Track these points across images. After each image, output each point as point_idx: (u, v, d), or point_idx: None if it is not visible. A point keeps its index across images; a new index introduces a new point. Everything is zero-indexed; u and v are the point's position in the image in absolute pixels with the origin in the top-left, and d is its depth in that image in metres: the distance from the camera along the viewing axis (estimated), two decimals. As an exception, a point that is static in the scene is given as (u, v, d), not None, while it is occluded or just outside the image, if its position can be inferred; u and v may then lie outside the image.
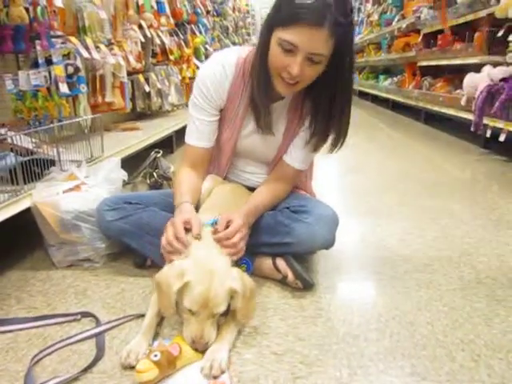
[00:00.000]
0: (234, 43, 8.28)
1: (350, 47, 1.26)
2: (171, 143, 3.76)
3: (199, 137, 1.47)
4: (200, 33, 5.50)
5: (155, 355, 0.99)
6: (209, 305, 1.07)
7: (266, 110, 1.39)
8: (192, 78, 4.92)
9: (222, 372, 1.02)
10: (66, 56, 2.30)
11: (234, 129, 1.48)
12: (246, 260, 1.44)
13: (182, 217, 1.25)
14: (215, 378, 1.00)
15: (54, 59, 2.19)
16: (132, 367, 1.04)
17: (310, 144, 1.45)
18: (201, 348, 1.07)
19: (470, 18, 3.97)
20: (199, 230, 1.22)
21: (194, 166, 1.47)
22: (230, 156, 1.55)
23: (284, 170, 1.51)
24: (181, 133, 3.89)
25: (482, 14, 3.70)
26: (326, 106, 1.36)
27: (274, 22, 1.23)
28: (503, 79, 3.23)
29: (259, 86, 1.34)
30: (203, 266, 1.12)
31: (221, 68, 1.41)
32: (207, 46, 5.83)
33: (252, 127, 1.47)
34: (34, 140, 1.81)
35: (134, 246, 1.53)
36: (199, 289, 1.07)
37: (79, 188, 1.69)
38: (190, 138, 1.48)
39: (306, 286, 1.41)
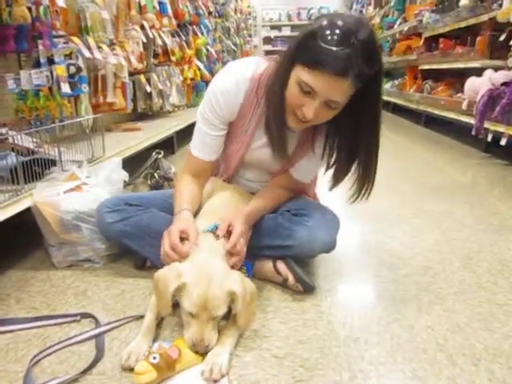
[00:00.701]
0: (235, 44, 8.29)
1: (373, 95, 1.21)
2: (172, 144, 3.76)
3: (205, 149, 1.42)
4: (202, 34, 5.50)
5: (154, 358, 0.98)
6: (208, 307, 1.07)
7: (281, 137, 1.33)
8: (193, 79, 4.92)
9: (223, 376, 1.01)
10: (68, 56, 2.29)
11: (242, 142, 1.45)
12: (247, 263, 1.44)
13: (178, 226, 1.24)
14: (215, 382, 1.00)
15: (56, 59, 2.19)
16: (132, 369, 1.03)
17: (330, 179, 1.41)
18: (201, 351, 1.07)
19: (471, 22, 3.98)
20: (196, 239, 1.21)
21: (196, 175, 1.45)
22: (236, 166, 1.52)
23: (287, 179, 1.50)
24: (182, 134, 3.91)
25: (484, 18, 3.71)
26: (346, 145, 1.33)
27: (296, 57, 1.17)
28: (504, 83, 3.23)
29: (276, 115, 1.29)
30: (201, 269, 1.11)
31: (234, 83, 1.34)
32: (209, 47, 5.84)
33: (262, 142, 1.43)
34: (35, 140, 1.81)
35: (134, 247, 1.52)
36: (197, 291, 1.07)
37: (80, 188, 1.68)
38: (194, 149, 1.44)
39: (306, 289, 1.41)
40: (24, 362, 1.09)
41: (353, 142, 1.31)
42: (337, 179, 1.40)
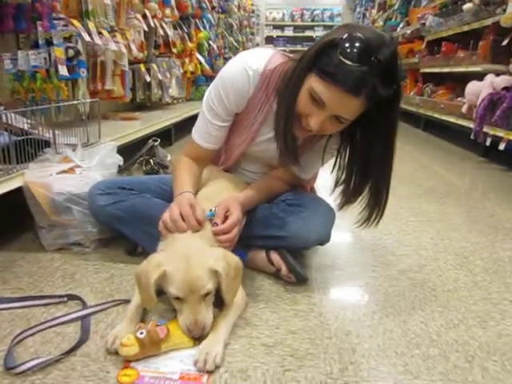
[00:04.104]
0: (237, 41, 8.26)
1: (389, 116, 1.18)
2: (170, 136, 3.73)
3: (207, 138, 1.39)
4: (204, 28, 5.48)
5: (141, 333, 0.97)
6: (193, 288, 1.04)
7: (293, 142, 1.29)
8: (194, 73, 4.89)
9: (217, 367, 0.99)
10: (67, 39, 2.26)
11: (246, 137, 1.42)
12: (240, 252, 1.41)
13: (189, 200, 1.22)
14: (209, 372, 0.97)
15: (55, 41, 2.15)
16: (117, 353, 1.01)
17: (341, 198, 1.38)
18: (198, 335, 1.04)
19: (475, 26, 3.97)
20: (202, 217, 1.20)
21: (196, 160, 1.42)
22: (237, 158, 1.50)
23: (288, 173, 1.47)
24: (180, 126, 3.89)
25: (488, 22, 3.70)
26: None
27: (312, 65, 1.13)
28: (505, 88, 3.22)
29: (283, 120, 1.24)
30: (179, 252, 1.10)
31: (245, 76, 1.28)
32: (211, 42, 5.81)
33: (266, 137, 1.40)
34: (29, 121, 1.78)
35: (125, 232, 1.49)
36: (178, 275, 1.05)
37: (73, 170, 1.66)
38: (197, 136, 1.40)
39: (299, 279, 1.38)
40: (6, 341, 1.05)
41: (365, 159, 1.28)
42: (348, 198, 1.36)
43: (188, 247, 1.12)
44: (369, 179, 1.31)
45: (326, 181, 1.49)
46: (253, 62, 1.29)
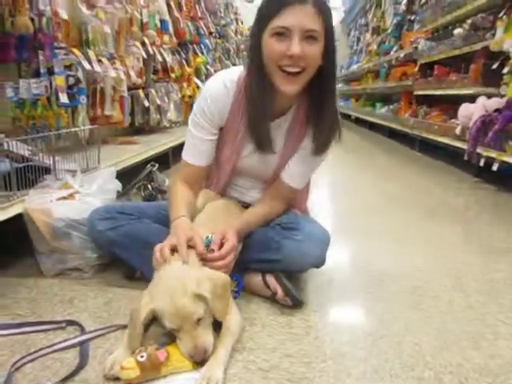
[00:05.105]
0: (234, 65, 8.39)
1: (333, 32, 1.30)
2: (167, 159, 3.77)
3: (196, 155, 1.45)
4: (202, 53, 5.59)
5: (141, 356, 0.99)
6: (184, 318, 1.06)
7: (263, 125, 1.37)
8: (192, 97, 4.98)
9: None
10: (68, 67, 2.33)
11: (234, 149, 1.47)
12: (237, 276, 1.44)
13: (186, 233, 1.23)
14: None
15: (56, 69, 2.22)
16: (116, 378, 1.02)
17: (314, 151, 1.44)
18: (200, 359, 1.06)
19: (465, 50, 4.07)
20: (203, 250, 1.21)
21: (189, 183, 1.46)
22: (229, 174, 1.54)
23: (280, 188, 1.51)
24: (178, 149, 3.92)
25: (478, 46, 3.80)
26: (324, 111, 1.38)
27: (262, 19, 1.26)
28: (497, 110, 3.29)
29: (254, 95, 1.33)
30: (162, 286, 1.11)
31: (223, 87, 1.39)
32: (208, 67, 5.92)
33: (252, 147, 1.45)
34: (30, 148, 1.81)
35: (124, 257, 1.51)
36: (165, 309, 1.07)
37: (73, 197, 1.69)
38: (186, 155, 1.47)
39: (295, 303, 1.40)
40: (5, 367, 1.06)
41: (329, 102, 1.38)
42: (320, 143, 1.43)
43: (170, 277, 1.13)
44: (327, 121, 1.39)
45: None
46: (229, 74, 1.42)
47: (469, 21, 4.10)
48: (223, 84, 1.40)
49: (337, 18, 13.45)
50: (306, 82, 1.31)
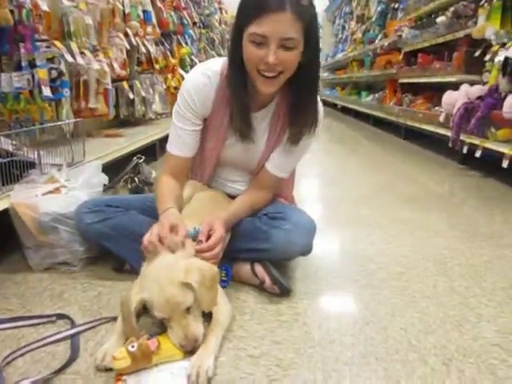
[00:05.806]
0: (219, 55, 8.35)
1: (317, 31, 1.32)
2: (154, 151, 3.75)
3: (181, 146, 1.46)
4: (186, 44, 5.54)
5: (132, 346, 1.00)
6: (172, 307, 1.07)
7: (245, 117, 1.39)
8: (177, 88, 4.94)
9: (209, 380, 1.01)
10: (50, 60, 2.30)
11: (218, 139, 1.49)
12: (226, 266, 1.45)
13: (170, 220, 1.25)
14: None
15: (38, 62, 2.19)
16: (107, 369, 1.04)
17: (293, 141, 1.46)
18: (191, 348, 1.07)
19: (448, 38, 4.11)
20: (184, 237, 1.22)
21: (175, 174, 1.46)
22: (213, 165, 1.55)
23: (265, 177, 1.52)
24: (164, 141, 3.90)
25: (460, 34, 3.83)
26: (305, 102, 1.40)
27: (241, 22, 1.26)
28: (479, 97, 3.34)
29: (236, 92, 1.35)
30: (151, 276, 1.13)
31: (206, 78, 1.40)
32: (193, 57, 5.87)
33: (235, 137, 1.46)
34: (14, 142, 1.80)
35: (112, 249, 1.52)
36: (154, 299, 1.08)
37: (59, 191, 1.68)
38: (171, 147, 1.47)
39: (283, 291, 1.42)
40: (-3, 362, 1.07)
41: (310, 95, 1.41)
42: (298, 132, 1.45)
43: (159, 267, 1.14)
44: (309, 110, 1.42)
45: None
46: (211, 65, 1.43)
47: (451, 8, 4.13)
48: (206, 75, 1.40)
49: (322, 6, 13.39)
50: (287, 79, 1.33)
